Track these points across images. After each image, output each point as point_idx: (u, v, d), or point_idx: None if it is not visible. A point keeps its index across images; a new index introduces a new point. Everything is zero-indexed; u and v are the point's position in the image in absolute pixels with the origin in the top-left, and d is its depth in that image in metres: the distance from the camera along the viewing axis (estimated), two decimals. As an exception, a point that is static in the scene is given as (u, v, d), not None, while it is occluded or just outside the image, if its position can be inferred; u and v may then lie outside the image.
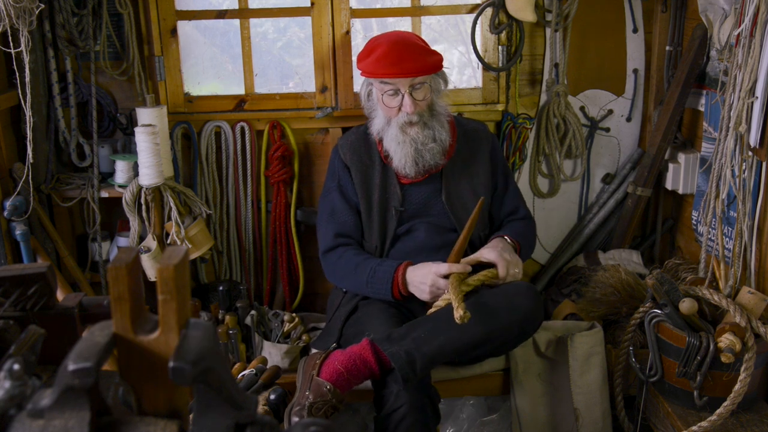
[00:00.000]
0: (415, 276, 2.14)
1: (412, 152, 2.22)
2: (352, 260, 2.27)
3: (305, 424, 0.75)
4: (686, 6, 2.77)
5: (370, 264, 2.22)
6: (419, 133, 2.22)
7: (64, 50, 2.57)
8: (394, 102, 2.21)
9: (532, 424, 2.34)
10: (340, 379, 1.93)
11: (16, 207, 2.42)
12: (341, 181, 2.36)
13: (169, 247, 0.76)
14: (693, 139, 2.81)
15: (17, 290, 0.97)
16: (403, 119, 2.21)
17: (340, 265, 2.30)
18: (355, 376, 1.94)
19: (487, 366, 2.33)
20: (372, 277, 2.20)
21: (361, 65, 2.25)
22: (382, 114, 2.27)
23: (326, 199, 2.40)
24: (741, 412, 2.09)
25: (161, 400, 0.76)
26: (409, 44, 2.22)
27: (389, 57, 2.17)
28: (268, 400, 1.92)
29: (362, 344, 1.97)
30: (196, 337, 0.72)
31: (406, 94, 2.18)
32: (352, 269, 2.25)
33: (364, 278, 2.21)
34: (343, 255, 2.30)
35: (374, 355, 1.94)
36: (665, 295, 2.11)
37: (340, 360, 1.95)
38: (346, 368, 1.94)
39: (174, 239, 2.53)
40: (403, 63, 2.16)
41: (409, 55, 2.18)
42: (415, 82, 2.18)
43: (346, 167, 2.35)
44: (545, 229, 3.05)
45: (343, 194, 2.35)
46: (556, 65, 2.84)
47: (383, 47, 2.20)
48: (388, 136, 2.26)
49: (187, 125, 2.78)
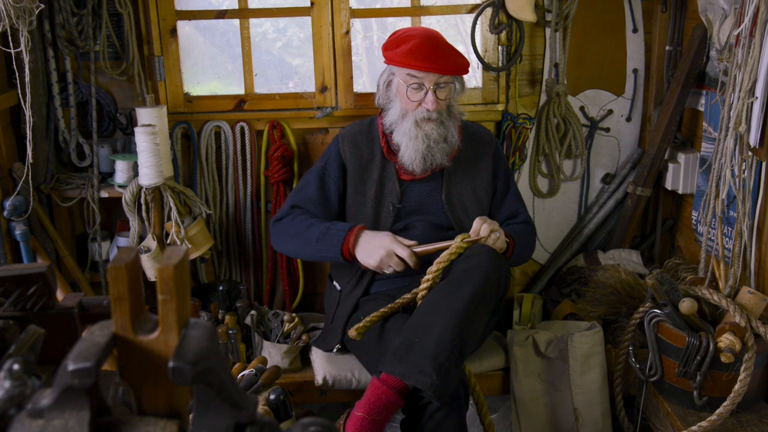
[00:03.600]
0: (373, 239, 2.16)
1: (423, 148, 2.23)
2: (305, 221, 2.28)
3: (305, 424, 0.75)
4: (686, 6, 2.77)
5: (325, 224, 2.25)
6: (434, 130, 2.22)
7: (63, 50, 2.57)
8: (416, 96, 2.21)
9: (532, 424, 2.34)
10: (364, 425, 1.89)
11: (16, 207, 2.42)
12: (326, 169, 2.37)
13: (169, 247, 0.76)
14: (693, 139, 2.81)
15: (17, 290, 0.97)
16: (422, 115, 2.21)
17: (291, 226, 2.30)
18: (379, 414, 1.91)
19: (487, 366, 2.33)
20: (324, 233, 2.22)
21: (389, 54, 2.25)
22: (398, 106, 2.26)
23: (304, 177, 2.42)
24: (741, 412, 2.09)
25: (161, 400, 0.76)
26: (442, 42, 2.25)
27: (422, 50, 2.18)
28: (268, 400, 1.92)
29: (372, 384, 1.94)
30: (196, 337, 0.72)
31: (430, 91, 2.19)
32: (305, 229, 2.27)
33: (316, 235, 2.23)
34: (296, 217, 2.31)
35: (387, 387, 1.91)
36: (665, 295, 2.11)
37: (358, 409, 1.92)
38: (367, 413, 1.90)
39: (174, 239, 2.53)
40: (436, 58, 2.18)
41: (442, 52, 2.20)
42: (441, 80, 2.20)
43: (340, 159, 2.35)
44: (545, 229, 3.05)
45: (322, 180, 2.36)
46: (556, 65, 2.84)
47: (416, 39, 2.21)
48: (401, 130, 2.25)
49: (187, 125, 2.78)
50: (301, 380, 2.40)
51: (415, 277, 2.26)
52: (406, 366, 1.90)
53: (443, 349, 1.90)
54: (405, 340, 1.95)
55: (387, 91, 2.30)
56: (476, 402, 2.15)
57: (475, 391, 2.14)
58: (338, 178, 2.35)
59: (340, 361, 2.33)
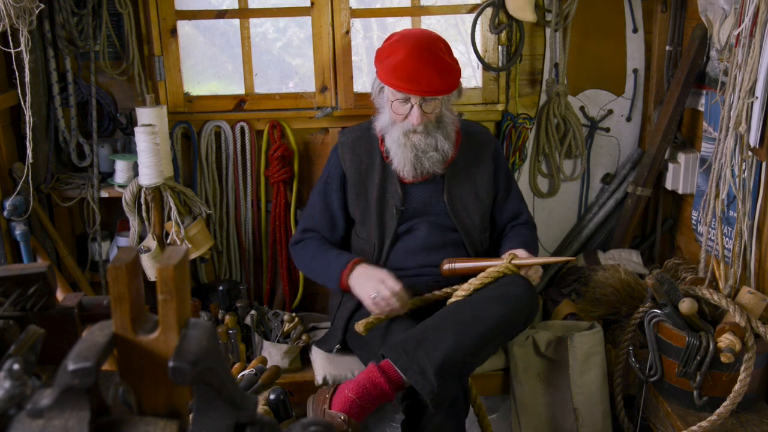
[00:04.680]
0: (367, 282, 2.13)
1: (411, 157, 2.22)
2: (309, 251, 2.36)
3: (305, 424, 0.75)
4: (686, 6, 2.76)
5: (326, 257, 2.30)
6: (421, 141, 2.20)
7: (64, 50, 2.57)
8: (402, 110, 2.18)
9: (531, 424, 2.34)
10: (353, 407, 1.89)
11: (16, 207, 2.42)
12: (329, 184, 2.39)
13: (169, 247, 0.76)
14: (693, 139, 2.81)
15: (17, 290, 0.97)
16: (408, 127, 2.19)
17: (301, 255, 2.39)
18: (368, 401, 1.91)
19: (487, 366, 2.32)
20: (325, 268, 2.29)
21: (379, 65, 2.20)
22: (387, 114, 2.25)
23: (311, 197, 2.47)
24: (741, 412, 2.09)
25: (161, 400, 0.76)
26: (431, 56, 2.12)
27: (406, 69, 2.10)
28: (268, 400, 1.92)
29: (370, 369, 1.94)
30: (196, 337, 0.72)
31: (416, 106, 2.15)
32: (310, 259, 2.35)
33: (318, 269, 2.32)
34: (306, 245, 2.38)
35: (383, 376, 1.92)
36: (665, 295, 2.11)
37: (350, 388, 1.92)
38: (357, 395, 1.90)
39: (174, 239, 2.53)
40: (419, 80, 2.10)
41: (426, 72, 2.10)
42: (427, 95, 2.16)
43: (341, 171, 2.36)
44: (545, 229, 3.05)
45: (326, 197, 2.39)
46: (556, 65, 2.84)
47: (402, 53, 2.12)
48: (391, 137, 2.25)
49: (187, 125, 2.78)
50: (301, 380, 2.40)
51: (419, 278, 2.27)
52: (410, 361, 1.90)
53: (452, 361, 1.91)
54: (417, 335, 1.95)
55: (379, 97, 2.29)
56: (477, 414, 2.17)
57: (476, 403, 2.15)
58: (340, 189, 2.37)
59: (340, 361, 2.33)
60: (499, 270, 2.08)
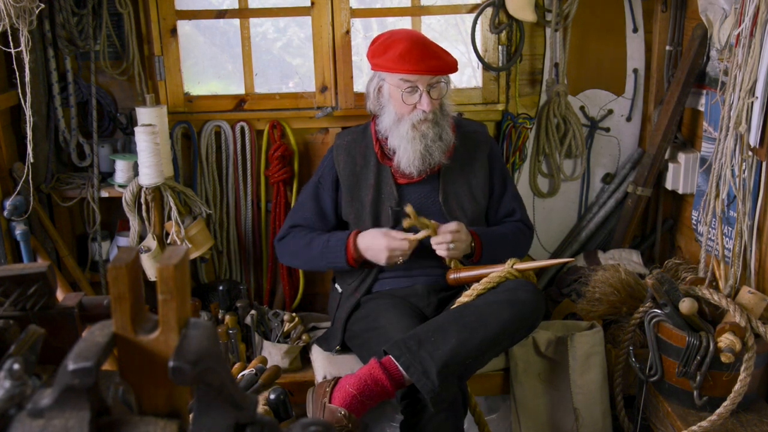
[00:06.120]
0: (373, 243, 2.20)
1: (421, 149, 2.23)
2: (304, 238, 2.35)
3: (305, 424, 0.75)
4: (686, 6, 2.76)
5: (324, 237, 2.31)
6: (430, 129, 2.23)
7: (64, 50, 2.57)
8: (411, 99, 2.21)
9: (531, 423, 2.34)
10: (353, 403, 1.90)
11: (16, 207, 2.42)
12: (321, 183, 2.40)
13: (169, 247, 0.76)
14: (693, 138, 2.81)
15: (17, 290, 0.97)
16: (418, 117, 2.22)
17: (292, 245, 2.38)
18: (369, 397, 1.91)
19: (487, 366, 2.32)
20: (326, 247, 2.28)
21: (378, 60, 2.23)
22: (392, 111, 2.26)
23: (300, 196, 2.48)
24: (741, 412, 2.09)
25: (161, 400, 0.76)
26: (428, 42, 2.24)
27: (412, 54, 2.17)
28: (268, 400, 1.92)
29: (371, 364, 1.95)
30: (196, 337, 0.72)
31: (425, 93, 2.19)
32: (306, 245, 2.33)
33: (319, 250, 2.29)
34: (295, 236, 2.38)
35: (385, 373, 1.92)
36: (665, 294, 2.11)
37: (351, 383, 1.92)
38: (358, 390, 1.90)
39: (174, 239, 2.53)
40: (427, 61, 2.17)
41: (432, 53, 2.20)
42: (433, 81, 2.20)
43: (334, 172, 2.37)
44: (545, 229, 3.05)
45: (317, 195, 2.40)
46: (556, 65, 2.84)
47: (403, 44, 2.19)
48: (397, 135, 2.25)
49: (187, 125, 2.78)
50: (301, 380, 2.40)
51: (418, 278, 2.27)
52: (413, 359, 1.90)
53: (455, 362, 1.91)
54: (420, 334, 1.96)
55: (378, 98, 2.29)
56: (477, 422, 2.18)
57: (476, 412, 2.16)
58: (332, 190, 2.38)
59: (340, 360, 2.33)
60: (501, 275, 2.09)
